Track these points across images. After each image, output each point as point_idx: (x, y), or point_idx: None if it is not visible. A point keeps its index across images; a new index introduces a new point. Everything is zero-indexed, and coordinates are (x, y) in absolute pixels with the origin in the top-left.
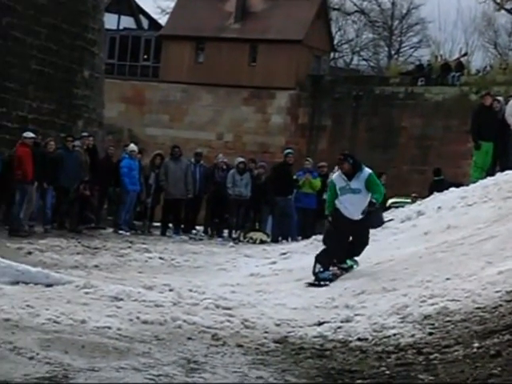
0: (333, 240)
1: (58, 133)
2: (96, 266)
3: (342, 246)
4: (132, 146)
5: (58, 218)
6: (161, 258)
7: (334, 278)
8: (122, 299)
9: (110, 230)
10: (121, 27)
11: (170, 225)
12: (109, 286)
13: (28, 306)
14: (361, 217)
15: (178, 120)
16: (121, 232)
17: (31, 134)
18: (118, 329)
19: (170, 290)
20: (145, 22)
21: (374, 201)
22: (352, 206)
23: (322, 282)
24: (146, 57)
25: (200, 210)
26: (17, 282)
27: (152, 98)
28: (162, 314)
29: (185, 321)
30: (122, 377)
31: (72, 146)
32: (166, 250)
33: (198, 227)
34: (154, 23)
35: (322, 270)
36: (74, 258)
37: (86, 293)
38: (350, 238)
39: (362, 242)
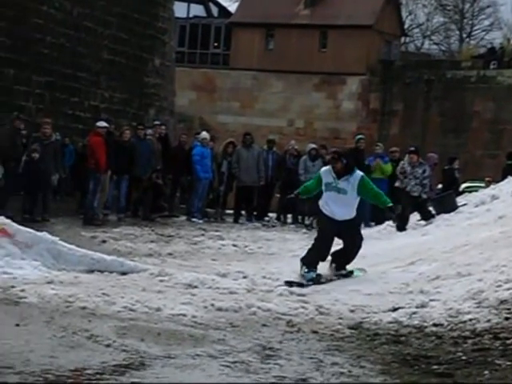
0: (316, 240)
1: (129, 122)
2: (170, 254)
3: (326, 246)
4: (204, 134)
5: (131, 206)
6: (234, 245)
7: (320, 279)
8: (196, 287)
9: (183, 217)
10: (191, 15)
11: (243, 212)
12: (183, 273)
13: (104, 294)
14: (346, 218)
15: (249, 107)
16: (194, 220)
17: (104, 124)
18: (193, 316)
19: (244, 277)
20: (214, 10)
21: (390, 205)
22: (334, 204)
23: (305, 283)
24: (216, 44)
25: (272, 196)
26: (92, 271)
27: (223, 85)
28: (236, 301)
29: (259, 307)
30: (197, 364)
31: (144, 134)
32: (239, 237)
33: (270, 214)
34: (223, 11)
35: (306, 270)
36: (148, 246)
37: (161, 280)
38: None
39: (351, 246)
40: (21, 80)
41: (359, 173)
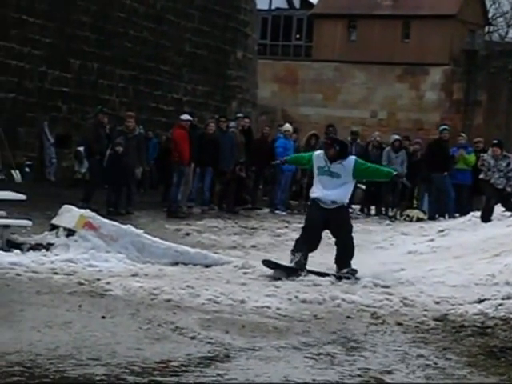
0: (304, 229)
1: (212, 114)
2: (253, 246)
3: (314, 234)
4: (287, 126)
5: (215, 199)
6: None
7: (298, 267)
8: (280, 279)
9: (267, 210)
10: (273, 7)
11: None
12: None
13: (188, 286)
14: (335, 206)
15: (332, 99)
16: (277, 212)
17: (188, 117)
18: (277, 308)
19: (328, 269)
20: (296, 2)
21: (395, 174)
22: (325, 188)
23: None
24: (298, 36)
25: (357, 188)
26: (176, 263)
27: (305, 77)
28: (320, 293)
29: (343, 300)
30: (282, 356)
31: (226, 127)
32: None
33: (353, 206)
34: (305, 2)
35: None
36: (231, 239)
37: (245, 273)
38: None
39: (340, 239)
40: (104, 74)
41: (352, 157)
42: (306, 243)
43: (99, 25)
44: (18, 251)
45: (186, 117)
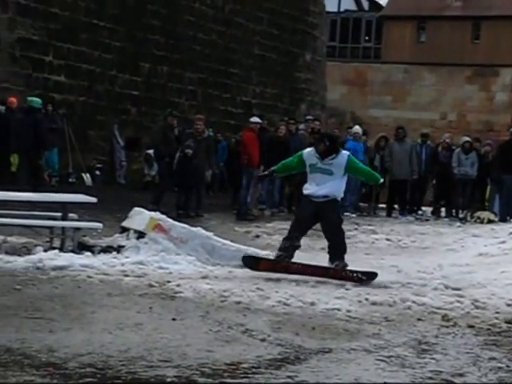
0: (294, 220)
1: (281, 117)
2: (323, 249)
3: (301, 226)
4: (356, 128)
5: (284, 201)
6: (387, 240)
7: (280, 254)
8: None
9: None
10: (341, 9)
11: (396, 206)
12: None
13: (258, 288)
14: (326, 195)
15: (401, 101)
16: (347, 214)
17: (257, 119)
18: (348, 310)
19: (398, 271)
20: (365, 4)
21: (379, 182)
22: (318, 186)
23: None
24: (367, 38)
25: (426, 190)
26: None
27: (374, 79)
28: (390, 296)
29: (414, 302)
30: (352, 358)
31: (296, 129)
32: (392, 232)
33: (424, 208)
34: (374, 4)
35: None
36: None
37: None
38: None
39: (331, 230)
40: (174, 77)
41: (345, 153)
42: (295, 232)
43: (169, 28)
44: (89, 253)
45: (255, 119)
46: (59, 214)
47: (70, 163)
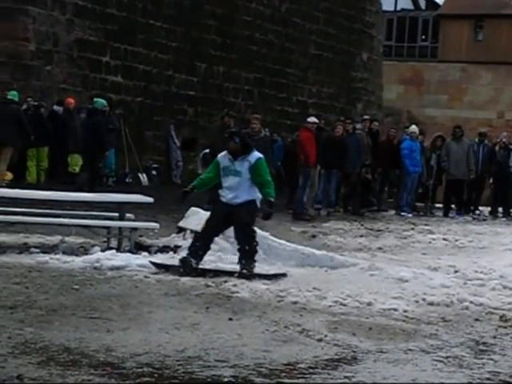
0: (206, 222)
1: (337, 116)
2: (380, 249)
3: (213, 229)
4: (413, 128)
5: (340, 201)
6: (444, 239)
7: (190, 265)
8: (406, 281)
9: (392, 212)
10: (398, 8)
11: (453, 206)
12: (393, 267)
13: (314, 288)
14: (240, 201)
15: (458, 100)
16: (403, 214)
17: (314, 119)
18: (404, 310)
19: (456, 272)
20: (422, 2)
21: (270, 198)
22: (230, 190)
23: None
24: (423, 37)
25: (483, 190)
26: (302, 266)
27: (430, 78)
28: (447, 296)
29: (471, 302)
30: (409, 358)
31: (353, 128)
32: (449, 231)
33: (481, 207)
34: (431, 3)
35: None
36: (357, 241)
37: (371, 275)
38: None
39: (241, 230)
40: (230, 77)
41: (257, 154)
42: (204, 238)
43: (225, 28)
44: (145, 253)
45: (312, 119)
46: (116, 215)
47: (127, 163)
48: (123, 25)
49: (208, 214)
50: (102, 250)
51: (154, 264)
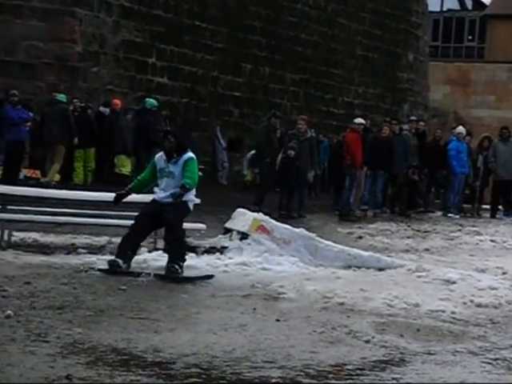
0: (133, 224)
1: (383, 117)
2: (427, 250)
3: (137, 228)
4: (460, 129)
5: (387, 202)
6: (492, 241)
7: (117, 267)
8: (454, 282)
9: (439, 213)
10: (444, 9)
11: (500, 207)
12: (441, 269)
13: (361, 289)
14: (170, 200)
15: (505, 100)
16: (450, 215)
17: (361, 120)
18: (452, 312)
19: (504, 273)
20: (468, 2)
21: (186, 185)
22: (164, 192)
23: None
24: (470, 37)
25: None
26: (349, 267)
27: (477, 78)
28: (496, 297)
29: None
30: (458, 360)
31: (399, 129)
32: (497, 233)
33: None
34: (477, 3)
35: (114, 258)
36: (404, 242)
37: (418, 276)
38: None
39: (168, 231)
40: (276, 78)
41: (189, 154)
42: (132, 237)
43: (270, 29)
44: (192, 254)
45: (359, 120)
46: None
47: None
48: (169, 26)
49: (255, 215)
50: (149, 251)
51: (100, 270)
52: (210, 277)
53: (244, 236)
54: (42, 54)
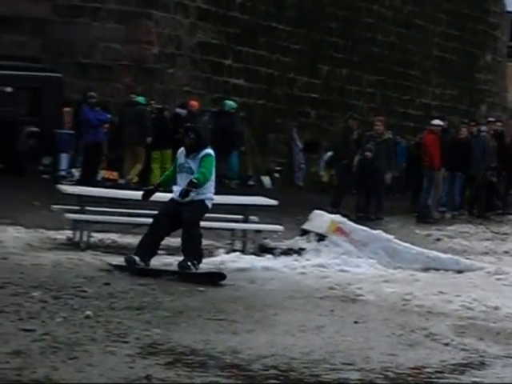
0: (151, 224)
1: (461, 118)
2: (506, 252)
3: (156, 227)
4: None
5: (465, 204)
6: None
7: (135, 264)
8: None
9: None
10: None
11: None
12: None
13: (440, 292)
14: (184, 200)
15: None
16: None
17: (439, 122)
18: None
19: None
20: None
21: (194, 180)
22: (180, 187)
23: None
24: None
25: None
26: (427, 269)
27: None
28: None
29: None
30: None
31: (477, 130)
32: None
33: None
34: None
35: (133, 256)
36: (483, 244)
37: (498, 279)
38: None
39: (184, 231)
40: (352, 79)
41: (207, 150)
42: (151, 236)
43: (347, 30)
44: (270, 256)
45: (437, 122)
46: (240, 217)
47: (250, 166)
48: (245, 28)
49: (333, 216)
50: (227, 252)
51: (111, 265)
52: (221, 276)
53: (321, 238)
54: (119, 56)
